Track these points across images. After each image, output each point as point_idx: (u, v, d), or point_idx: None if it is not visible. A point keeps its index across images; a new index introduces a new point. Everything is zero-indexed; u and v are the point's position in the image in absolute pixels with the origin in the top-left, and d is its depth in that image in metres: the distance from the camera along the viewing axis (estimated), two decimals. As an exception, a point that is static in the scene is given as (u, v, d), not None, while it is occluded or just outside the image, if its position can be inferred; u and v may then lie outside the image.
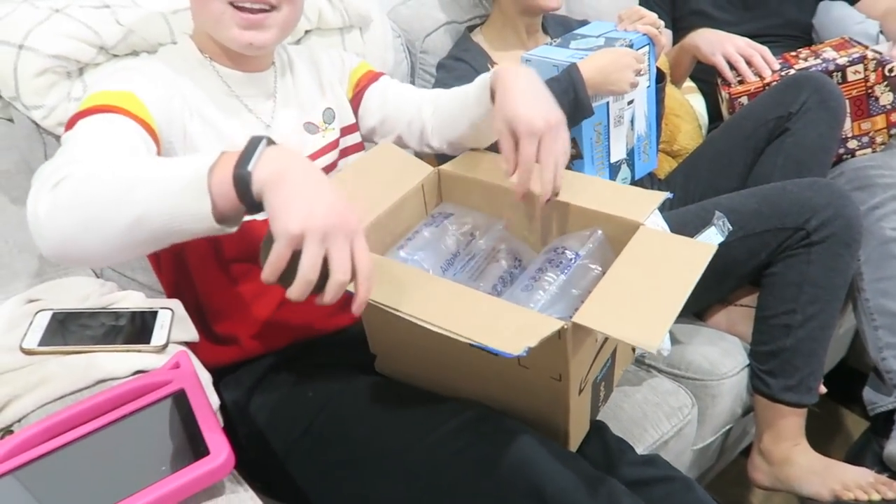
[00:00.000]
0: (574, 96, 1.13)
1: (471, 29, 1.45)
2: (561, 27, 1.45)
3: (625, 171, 1.32)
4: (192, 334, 0.92)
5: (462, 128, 0.99)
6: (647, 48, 1.24)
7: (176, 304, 0.94)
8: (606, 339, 0.82)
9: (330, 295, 0.62)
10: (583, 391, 0.82)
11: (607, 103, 1.21)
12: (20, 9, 0.99)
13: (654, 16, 1.27)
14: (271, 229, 0.60)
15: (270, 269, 0.60)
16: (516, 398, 0.82)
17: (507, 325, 0.68)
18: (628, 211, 0.86)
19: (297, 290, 0.61)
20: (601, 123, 1.23)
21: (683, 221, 1.12)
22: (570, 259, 0.84)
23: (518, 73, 0.88)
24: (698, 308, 1.28)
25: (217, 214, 0.61)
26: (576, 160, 1.25)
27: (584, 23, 1.50)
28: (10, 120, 1.09)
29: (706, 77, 1.58)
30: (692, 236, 0.99)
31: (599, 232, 0.87)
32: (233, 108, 0.93)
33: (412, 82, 1.47)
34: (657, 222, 0.92)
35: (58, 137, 1.03)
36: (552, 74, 1.16)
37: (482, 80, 0.94)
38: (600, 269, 0.84)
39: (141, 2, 1.08)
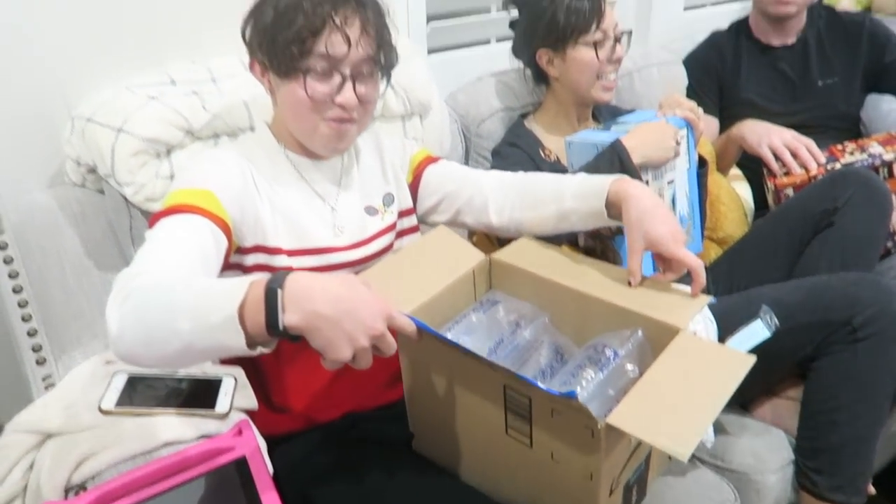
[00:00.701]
0: (621, 167, 1.19)
1: (524, 115, 1.52)
2: (611, 115, 1.52)
3: None
4: (252, 403, 0.98)
5: (544, 214, 1.05)
6: (684, 131, 1.30)
7: (238, 371, 1.01)
8: (640, 442, 0.83)
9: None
10: (613, 492, 0.82)
11: (647, 182, 1.26)
12: (121, 96, 1.10)
13: (692, 103, 1.35)
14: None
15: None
16: (546, 493, 0.84)
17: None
18: (670, 314, 0.88)
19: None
20: None
21: (728, 310, 1.14)
22: (609, 358, 0.86)
23: (645, 192, 0.96)
24: (744, 399, 1.28)
25: (251, 345, 0.69)
26: (617, 235, 1.29)
27: (633, 111, 1.57)
28: (101, 192, 1.20)
29: (752, 165, 1.62)
30: (737, 326, 1.01)
31: (640, 333, 0.89)
32: (302, 192, 1.02)
33: (466, 164, 1.55)
34: (702, 317, 0.94)
35: (143, 211, 1.12)
36: (592, 153, 1.23)
37: (592, 183, 1.01)
38: (638, 370, 0.86)
39: (225, 89, 1.19)
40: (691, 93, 1.81)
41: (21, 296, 1.09)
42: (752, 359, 0.80)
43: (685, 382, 0.76)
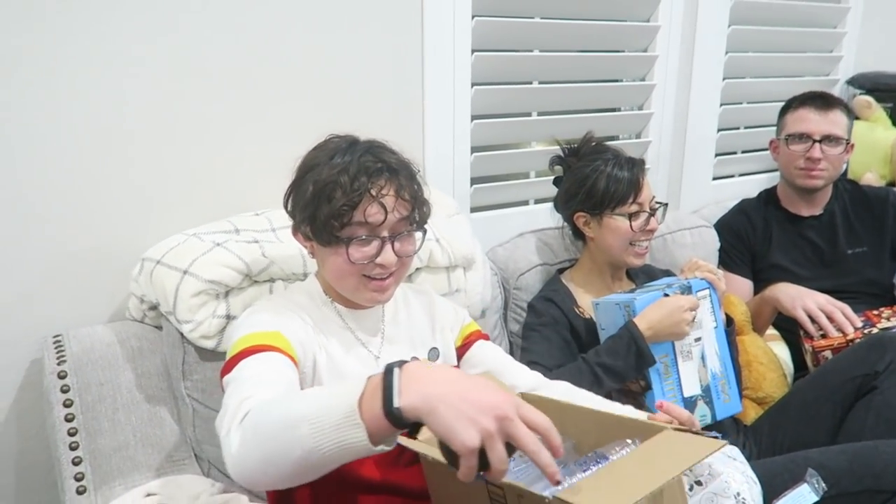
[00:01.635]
0: (636, 348, 1.27)
1: (561, 270, 1.59)
2: (644, 275, 1.58)
3: (703, 409, 1.34)
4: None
5: None
6: (706, 291, 1.36)
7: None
8: None
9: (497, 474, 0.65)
10: None
11: (672, 343, 1.32)
12: (189, 241, 1.21)
13: (710, 265, 1.42)
14: (450, 446, 0.64)
15: (466, 476, 0.65)
16: None
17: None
18: (680, 455, 0.85)
19: (468, 474, 0.65)
20: (667, 356, 1.31)
21: (772, 472, 1.12)
22: (599, 462, 0.87)
23: None
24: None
25: (374, 441, 0.67)
26: (647, 392, 1.31)
27: (667, 272, 1.63)
28: (159, 328, 1.27)
29: (788, 326, 1.63)
30: (781, 489, 0.98)
31: (637, 441, 0.89)
32: (348, 341, 1.07)
33: (505, 315, 1.61)
34: (745, 478, 0.93)
35: (196, 348, 1.18)
36: (615, 312, 1.32)
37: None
38: None
39: (283, 238, 1.29)
40: (724, 255, 1.87)
41: (72, 424, 1.14)
42: (723, 443, 0.82)
43: (645, 464, 0.77)
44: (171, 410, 1.22)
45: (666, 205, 1.49)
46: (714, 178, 2.19)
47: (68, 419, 1.14)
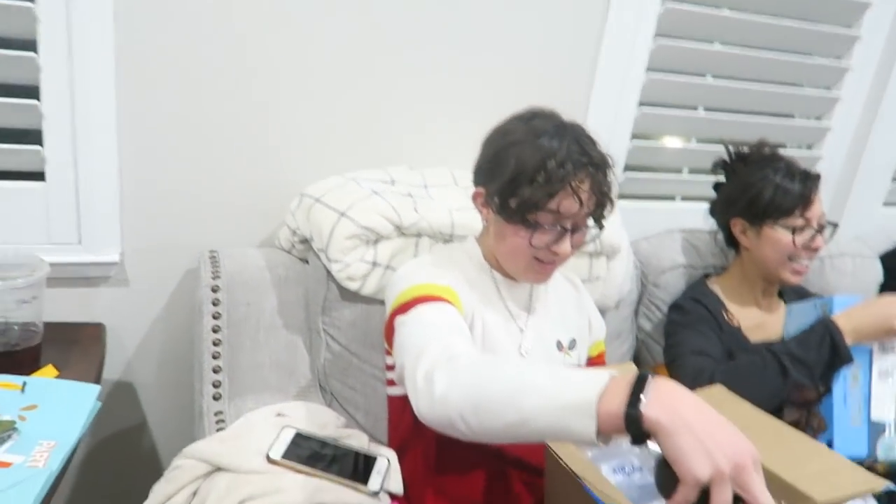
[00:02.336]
0: (831, 341, 1.17)
1: (706, 276, 1.52)
2: (795, 294, 1.48)
3: (890, 440, 1.18)
4: (399, 488, 1.00)
5: None
6: None
7: (392, 454, 1.04)
8: None
9: None
10: None
11: (870, 350, 1.18)
12: (349, 185, 1.25)
13: None
14: (676, 471, 0.63)
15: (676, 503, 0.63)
16: None
17: None
18: (815, 484, 0.79)
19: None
20: (861, 368, 1.19)
21: None
22: None
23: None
24: None
25: (599, 434, 0.66)
26: (825, 397, 1.19)
27: (819, 296, 1.51)
28: (305, 261, 1.33)
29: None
30: None
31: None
32: (498, 309, 1.07)
33: (637, 309, 1.56)
34: None
35: (339, 287, 1.23)
36: (809, 313, 1.23)
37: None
38: None
39: (434, 195, 1.31)
40: (886, 292, 1.72)
41: (217, 336, 1.22)
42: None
43: None
44: (306, 341, 1.28)
45: (836, 225, 1.37)
46: (885, 204, 2.01)
47: (215, 330, 1.22)
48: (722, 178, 1.47)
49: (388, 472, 0.99)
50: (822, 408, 1.20)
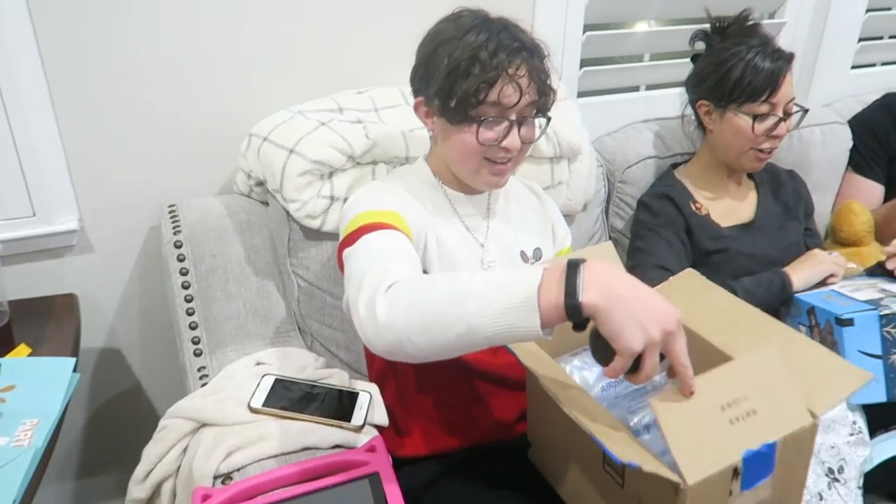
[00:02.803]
0: (780, 280, 1.26)
1: (674, 165, 1.50)
2: (767, 174, 1.46)
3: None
4: (384, 419, 1.02)
5: None
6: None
7: (374, 388, 1.06)
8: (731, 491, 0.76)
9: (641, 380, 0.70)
10: None
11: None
12: (295, 119, 1.20)
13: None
14: (614, 346, 0.68)
15: (614, 373, 0.69)
16: None
17: (632, 445, 0.71)
18: (811, 395, 0.77)
19: (617, 372, 0.69)
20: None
21: None
22: None
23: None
24: (894, 489, 1.17)
25: (543, 327, 0.69)
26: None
27: (791, 173, 1.50)
28: (265, 203, 1.31)
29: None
30: None
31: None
32: (454, 225, 1.06)
33: (607, 208, 1.54)
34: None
35: (301, 226, 1.21)
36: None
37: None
38: None
39: (386, 118, 1.26)
40: (855, 155, 1.71)
41: (188, 291, 1.21)
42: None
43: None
44: (278, 285, 1.27)
45: (806, 110, 1.33)
46: (853, 67, 1.96)
47: (185, 286, 1.20)
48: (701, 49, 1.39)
49: (370, 405, 1.00)
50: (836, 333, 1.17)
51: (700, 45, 1.38)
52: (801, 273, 1.28)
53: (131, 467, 0.98)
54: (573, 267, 0.68)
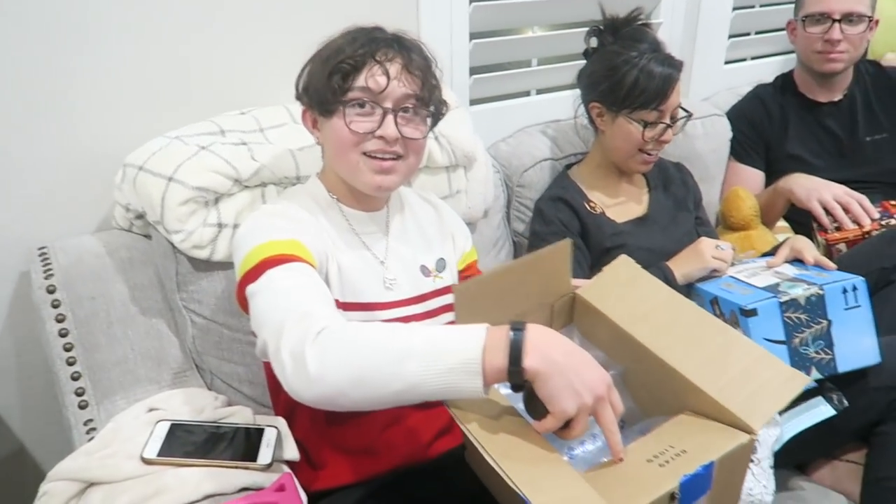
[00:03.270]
0: (664, 280, 1.22)
1: (568, 166, 1.52)
2: (656, 168, 1.50)
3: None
4: (294, 454, 0.96)
5: None
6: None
7: (281, 422, 0.99)
8: None
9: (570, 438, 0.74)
10: None
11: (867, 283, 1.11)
12: (173, 145, 1.13)
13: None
14: (549, 408, 0.72)
15: (544, 429, 0.74)
16: None
17: (554, 488, 0.69)
18: (749, 410, 0.77)
19: (548, 429, 0.74)
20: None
21: None
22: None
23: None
24: (802, 461, 1.22)
25: (484, 387, 0.71)
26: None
27: (678, 165, 1.55)
28: (148, 237, 1.22)
29: (800, 219, 1.59)
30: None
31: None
32: (353, 243, 1.02)
33: (508, 213, 1.54)
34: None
35: (189, 258, 1.13)
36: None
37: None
38: None
39: (273, 138, 1.21)
40: (735, 145, 1.79)
41: (67, 340, 1.10)
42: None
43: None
44: (169, 323, 1.18)
45: (690, 115, 1.37)
46: (727, 63, 2.07)
47: (62, 334, 1.10)
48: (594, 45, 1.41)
49: (278, 440, 0.94)
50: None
51: (594, 42, 1.40)
52: (682, 268, 1.28)
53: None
54: (518, 333, 0.71)
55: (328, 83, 0.94)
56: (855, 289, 1.09)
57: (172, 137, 1.15)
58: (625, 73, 1.29)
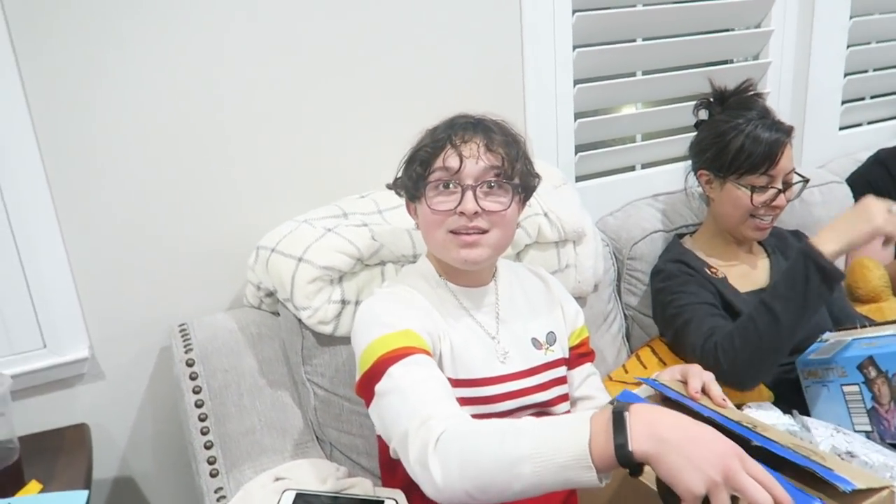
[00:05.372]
0: (815, 265, 1.13)
1: (680, 236, 1.50)
2: (774, 237, 1.46)
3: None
4: (413, 527, 0.96)
5: None
6: None
7: (400, 495, 1.01)
8: None
9: None
10: None
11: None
12: (301, 228, 1.21)
13: None
14: (676, 491, 0.66)
15: None
16: None
17: None
18: None
19: None
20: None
21: None
22: None
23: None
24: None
25: (599, 476, 0.70)
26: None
27: (796, 233, 1.50)
28: (276, 314, 1.30)
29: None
30: None
31: None
32: (464, 321, 1.05)
33: (618, 286, 1.53)
34: None
35: (314, 333, 1.20)
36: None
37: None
38: None
39: (390, 219, 1.28)
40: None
41: (202, 410, 1.18)
42: None
43: None
44: (293, 395, 1.24)
45: (807, 181, 1.34)
46: (841, 129, 2.00)
47: (198, 405, 1.18)
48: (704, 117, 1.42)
49: (398, 512, 0.95)
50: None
51: (703, 114, 1.41)
52: (839, 237, 1.13)
53: None
54: (620, 416, 0.69)
55: (410, 171, 1.01)
56: None
57: (301, 221, 1.24)
58: (731, 138, 1.29)
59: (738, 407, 1.21)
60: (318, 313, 1.16)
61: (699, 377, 0.97)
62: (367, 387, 0.92)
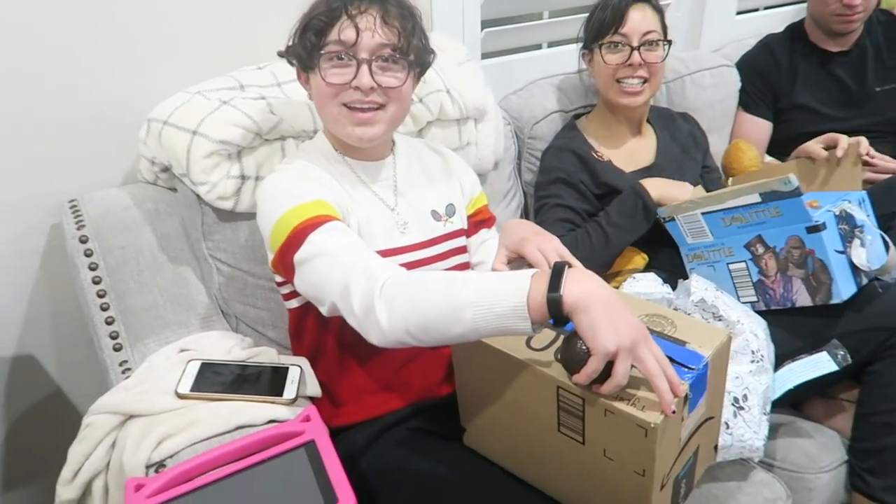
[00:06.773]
0: (643, 206, 1.30)
1: (577, 117, 1.54)
2: (662, 118, 1.52)
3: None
4: (316, 390, 1.03)
5: None
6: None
7: (304, 361, 1.06)
8: (690, 436, 0.85)
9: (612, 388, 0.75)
10: (664, 487, 0.82)
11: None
12: (194, 100, 1.17)
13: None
14: (588, 346, 0.74)
15: (586, 377, 0.75)
16: (598, 488, 0.85)
17: None
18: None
19: (589, 376, 0.75)
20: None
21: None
22: None
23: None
24: (797, 400, 1.28)
25: (534, 326, 0.75)
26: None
27: (684, 115, 1.57)
28: (173, 189, 1.27)
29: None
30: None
31: None
32: (366, 195, 1.06)
33: (519, 165, 1.58)
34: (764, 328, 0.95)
35: (214, 209, 1.19)
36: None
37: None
38: None
39: (290, 93, 1.24)
40: (743, 95, 1.80)
41: (100, 287, 1.17)
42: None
43: None
44: (195, 270, 1.24)
45: (669, 42, 1.39)
46: (738, 13, 2.06)
47: (95, 282, 1.16)
48: None
49: (301, 378, 1.01)
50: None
51: None
52: (660, 184, 1.33)
53: (59, 473, 0.95)
54: (558, 269, 0.75)
55: (303, 40, 0.98)
56: (862, 200, 1.19)
57: (194, 92, 1.19)
58: (592, 12, 1.39)
59: (615, 276, 1.33)
60: (216, 188, 1.14)
61: None
62: (285, 258, 0.93)
